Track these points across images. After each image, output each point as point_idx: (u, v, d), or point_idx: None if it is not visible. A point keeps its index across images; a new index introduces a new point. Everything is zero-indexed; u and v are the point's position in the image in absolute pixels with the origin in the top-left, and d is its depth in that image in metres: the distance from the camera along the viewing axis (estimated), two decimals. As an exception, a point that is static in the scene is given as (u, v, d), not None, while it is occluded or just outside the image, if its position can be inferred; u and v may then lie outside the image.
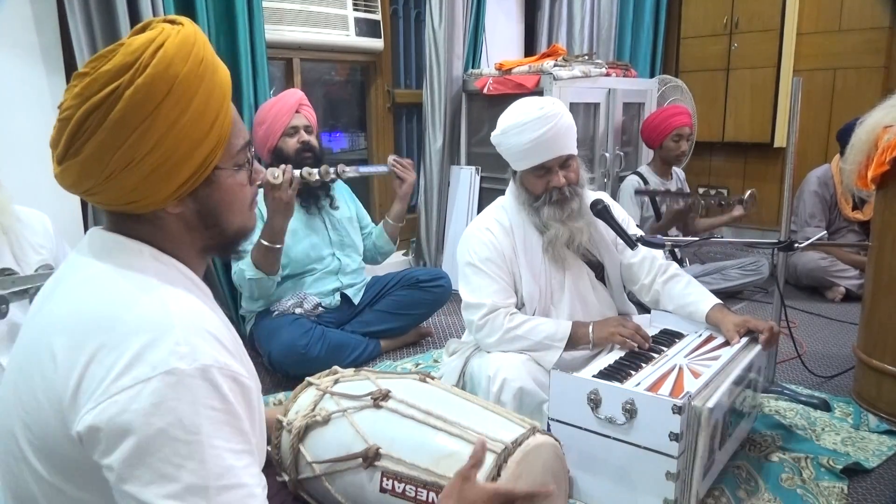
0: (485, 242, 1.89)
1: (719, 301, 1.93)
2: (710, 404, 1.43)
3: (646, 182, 3.28)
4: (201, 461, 0.71)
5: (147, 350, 0.73)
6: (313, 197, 2.52)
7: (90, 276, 0.83)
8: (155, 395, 0.71)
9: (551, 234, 1.89)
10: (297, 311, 2.40)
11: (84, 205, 2.41)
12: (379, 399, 1.39)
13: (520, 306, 1.92)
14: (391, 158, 2.57)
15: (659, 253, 2.02)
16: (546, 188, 1.86)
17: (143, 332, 0.74)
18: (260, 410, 0.84)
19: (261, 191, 2.12)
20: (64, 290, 0.84)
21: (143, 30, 0.86)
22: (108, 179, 0.79)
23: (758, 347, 1.79)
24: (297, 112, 2.47)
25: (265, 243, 2.21)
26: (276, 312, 2.40)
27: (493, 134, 1.92)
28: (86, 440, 0.73)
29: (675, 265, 2.05)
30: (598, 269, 2.03)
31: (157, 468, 0.70)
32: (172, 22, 0.85)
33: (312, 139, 2.50)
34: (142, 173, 0.79)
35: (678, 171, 3.52)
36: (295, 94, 2.51)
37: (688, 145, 3.34)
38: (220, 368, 0.75)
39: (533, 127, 1.79)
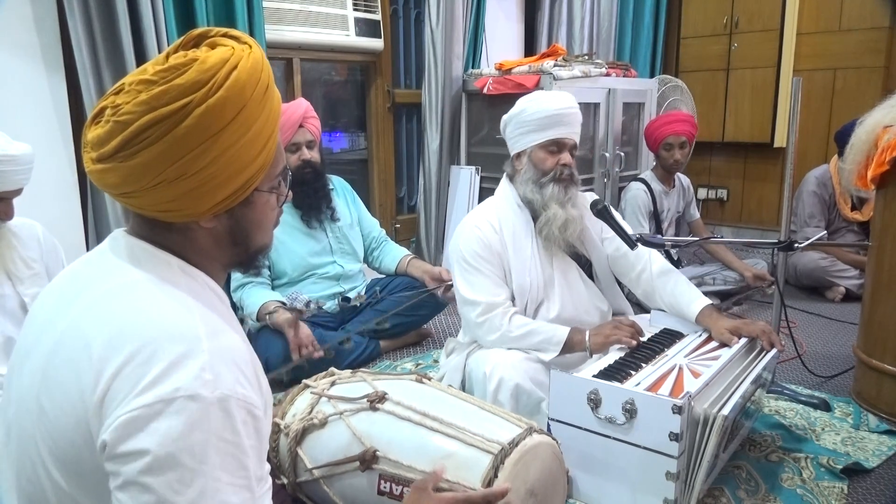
0: (475, 239, 1.94)
1: (710, 302, 1.93)
2: (725, 412, 1.43)
3: (650, 189, 3.26)
4: (202, 492, 0.71)
5: (173, 370, 0.73)
6: (314, 210, 2.49)
7: (127, 283, 0.82)
8: (173, 418, 0.71)
9: (549, 214, 1.92)
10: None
11: (84, 208, 2.40)
12: (375, 401, 1.38)
13: (512, 300, 1.94)
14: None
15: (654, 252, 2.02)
16: (555, 165, 1.93)
17: (171, 351, 0.74)
18: (266, 436, 0.84)
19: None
20: (97, 293, 0.82)
21: (200, 39, 0.85)
22: (153, 188, 0.79)
23: (773, 351, 1.80)
24: (301, 126, 2.39)
25: (269, 323, 2.25)
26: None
27: (508, 113, 1.98)
28: (105, 449, 0.73)
29: (665, 260, 2.04)
30: (586, 266, 2.07)
31: (159, 491, 0.70)
32: (237, 39, 0.85)
33: (314, 154, 2.45)
34: (188, 186, 0.79)
35: (682, 178, 3.45)
36: (300, 107, 2.42)
37: (682, 153, 3.22)
38: (239, 400, 0.75)
39: (557, 102, 1.92)
